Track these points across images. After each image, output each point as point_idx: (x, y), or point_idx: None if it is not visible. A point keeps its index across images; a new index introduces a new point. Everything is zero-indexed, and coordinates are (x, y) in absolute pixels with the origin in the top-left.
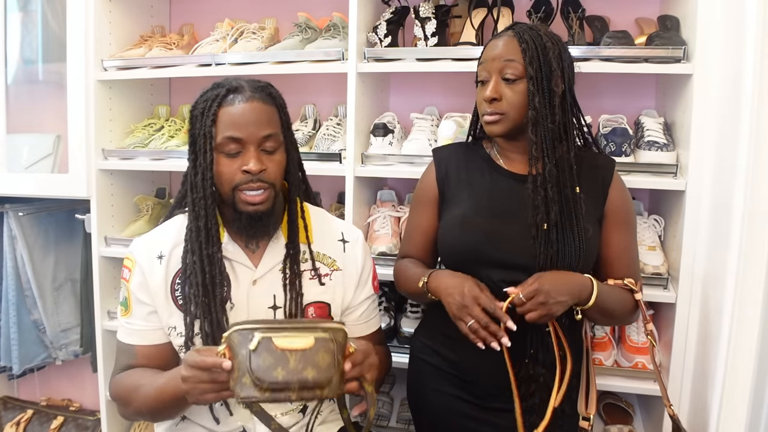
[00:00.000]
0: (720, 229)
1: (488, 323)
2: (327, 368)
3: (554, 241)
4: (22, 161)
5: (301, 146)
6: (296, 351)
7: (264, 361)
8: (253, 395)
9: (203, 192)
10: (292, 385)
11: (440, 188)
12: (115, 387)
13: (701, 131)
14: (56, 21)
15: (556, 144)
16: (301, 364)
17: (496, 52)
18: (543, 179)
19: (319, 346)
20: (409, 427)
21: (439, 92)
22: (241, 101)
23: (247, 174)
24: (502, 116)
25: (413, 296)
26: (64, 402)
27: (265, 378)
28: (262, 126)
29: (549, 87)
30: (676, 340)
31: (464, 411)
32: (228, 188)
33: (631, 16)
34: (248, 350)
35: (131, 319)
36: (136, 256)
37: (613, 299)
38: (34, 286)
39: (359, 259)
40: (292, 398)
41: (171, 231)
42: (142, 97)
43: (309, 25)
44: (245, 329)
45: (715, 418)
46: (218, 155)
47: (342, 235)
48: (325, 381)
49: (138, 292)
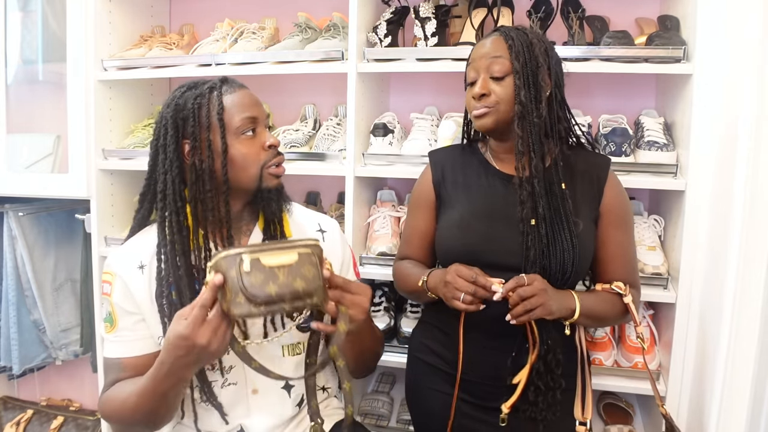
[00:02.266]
0: (720, 229)
1: (474, 289)
2: (313, 278)
3: (543, 235)
4: (22, 161)
5: (301, 146)
6: (283, 267)
7: (255, 278)
8: (249, 311)
9: (215, 183)
10: (284, 296)
11: (437, 191)
12: (106, 404)
13: (701, 131)
14: (56, 21)
15: (543, 140)
16: (290, 277)
17: (483, 50)
18: (529, 174)
19: (303, 260)
20: (409, 427)
21: (439, 92)
22: (237, 88)
23: (272, 149)
24: (491, 109)
25: (413, 295)
26: (64, 402)
27: (258, 294)
28: (261, 107)
29: (535, 82)
30: (676, 340)
31: (463, 410)
32: (255, 169)
33: (631, 16)
34: (239, 271)
35: (118, 332)
36: (115, 269)
37: (600, 307)
38: (34, 286)
39: (338, 247)
40: (285, 309)
41: (148, 239)
42: (142, 97)
43: (309, 25)
44: (231, 254)
45: (714, 418)
46: (235, 140)
47: (319, 225)
48: (313, 290)
49: (123, 302)
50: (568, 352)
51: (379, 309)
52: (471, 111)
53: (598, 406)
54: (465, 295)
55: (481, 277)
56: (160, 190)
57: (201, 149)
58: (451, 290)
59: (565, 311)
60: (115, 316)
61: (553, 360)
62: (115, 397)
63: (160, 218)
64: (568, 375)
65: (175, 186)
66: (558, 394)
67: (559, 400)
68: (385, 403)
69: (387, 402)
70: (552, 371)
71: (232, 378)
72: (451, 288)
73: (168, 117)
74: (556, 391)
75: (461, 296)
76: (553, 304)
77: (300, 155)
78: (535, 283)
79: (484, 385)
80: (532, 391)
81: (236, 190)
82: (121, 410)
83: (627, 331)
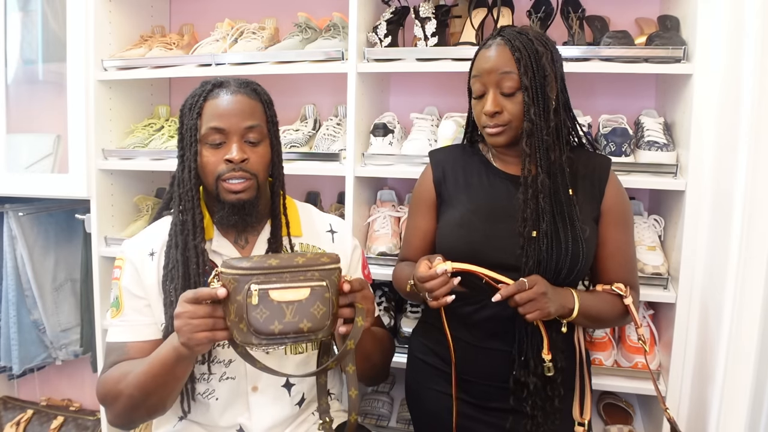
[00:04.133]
0: (720, 229)
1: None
2: (321, 317)
3: (543, 250)
4: (22, 161)
5: (301, 146)
6: (292, 303)
7: (261, 314)
8: (250, 342)
9: (189, 184)
10: (287, 334)
11: (438, 190)
12: (103, 384)
13: (701, 131)
14: (56, 21)
15: (549, 151)
16: (297, 316)
17: (490, 64)
18: (535, 189)
19: (315, 296)
20: (409, 427)
21: (439, 92)
22: (227, 94)
23: (230, 163)
24: (505, 127)
25: (410, 297)
26: (64, 402)
27: (262, 330)
28: (245, 117)
29: (544, 95)
30: (676, 340)
31: (462, 410)
32: (212, 179)
33: (631, 16)
34: (246, 300)
35: (123, 316)
36: (127, 254)
37: (599, 307)
38: (34, 286)
39: (348, 248)
40: (286, 343)
41: (161, 229)
42: (142, 97)
43: (309, 25)
44: (241, 275)
45: (715, 418)
46: (203, 147)
47: (330, 226)
48: (318, 329)
49: (131, 286)
50: (566, 352)
51: (379, 309)
52: (482, 126)
53: (598, 406)
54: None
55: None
56: (177, 175)
57: (183, 149)
58: (419, 287)
59: (564, 310)
60: (122, 299)
61: (554, 377)
62: (112, 378)
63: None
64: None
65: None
66: (556, 402)
67: (558, 407)
68: (385, 403)
69: (387, 402)
70: (551, 382)
71: (231, 372)
72: (418, 284)
73: (179, 113)
74: (554, 400)
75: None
76: (552, 306)
77: (300, 155)
78: (535, 287)
79: (483, 385)
80: (529, 404)
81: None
82: (115, 391)
83: (627, 331)
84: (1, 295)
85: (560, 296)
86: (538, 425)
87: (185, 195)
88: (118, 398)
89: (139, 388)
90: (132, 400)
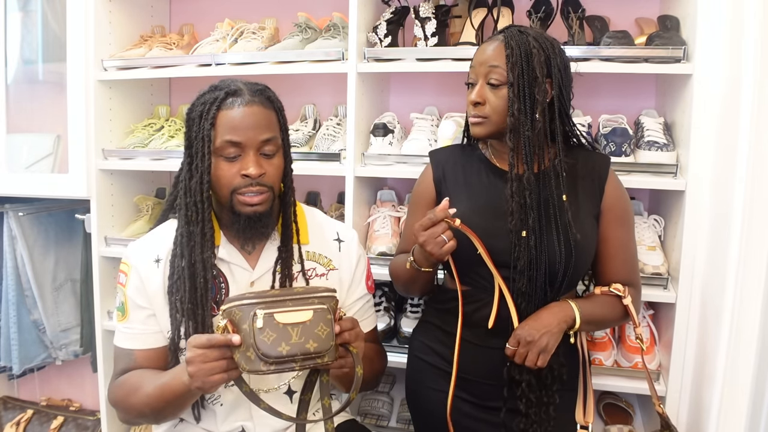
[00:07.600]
0: (720, 229)
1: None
2: (326, 338)
3: (533, 246)
4: (22, 161)
5: (301, 146)
6: (297, 325)
7: (267, 337)
8: (259, 368)
9: (200, 196)
10: (295, 356)
11: (438, 189)
12: (115, 391)
13: (701, 131)
14: (56, 21)
15: (537, 150)
16: (303, 337)
17: (483, 56)
18: (519, 186)
19: (318, 318)
20: (409, 427)
21: (439, 92)
22: (241, 105)
23: (247, 178)
24: (484, 119)
25: (408, 284)
26: (64, 402)
27: (270, 353)
28: (261, 130)
29: (530, 94)
30: (676, 340)
31: (462, 410)
32: (227, 191)
33: (631, 16)
34: (251, 326)
35: (129, 323)
36: (132, 261)
37: (600, 312)
38: (34, 286)
39: (354, 257)
40: (295, 368)
41: (167, 234)
42: (142, 97)
43: (309, 25)
44: (245, 304)
45: (715, 418)
46: (216, 159)
47: (337, 234)
48: (324, 350)
49: (135, 296)
50: (568, 354)
51: (379, 309)
52: (468, 114)
53: (598, 406)
54: (442, 237)
55: (439, 212)
56: (184, 183)
57: (192, 156)
58: (430, 242)
59: (566, 325)
60: (127, 307)
61: (549, 375)
62: (124, 388)
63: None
64: (570, 376)
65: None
66: (551, 410)
67: (553, 416)
68: (385, 403)
69: (387, 402)
70: (547, 387)
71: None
72: (429, 240)
73: (186, 117)
74: (549, 407)
75: (443, 240)
76: (547, 339)
77: (300, 155)
78: (519, 344)
79: (483, 384)
80: (523, 402)
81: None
82: (127, 402)
83: (627, 331)
84: (1, 295)
85: (557, 317)
86: (531, 423)
87: (194, 206)
88: (129, 410)
89: (150, 407)
90: (142, 415)
